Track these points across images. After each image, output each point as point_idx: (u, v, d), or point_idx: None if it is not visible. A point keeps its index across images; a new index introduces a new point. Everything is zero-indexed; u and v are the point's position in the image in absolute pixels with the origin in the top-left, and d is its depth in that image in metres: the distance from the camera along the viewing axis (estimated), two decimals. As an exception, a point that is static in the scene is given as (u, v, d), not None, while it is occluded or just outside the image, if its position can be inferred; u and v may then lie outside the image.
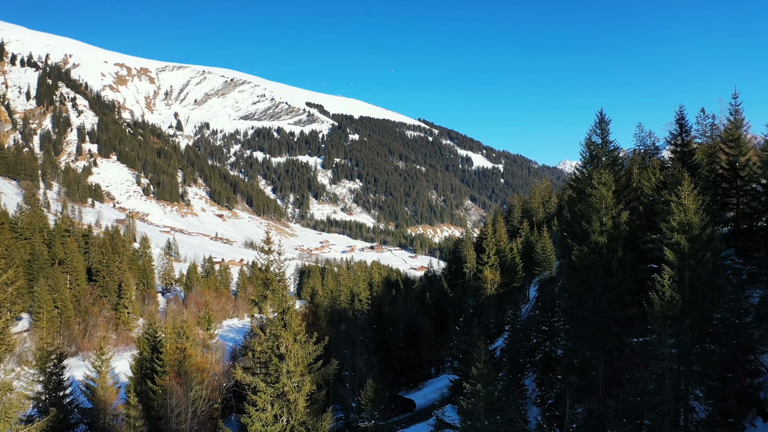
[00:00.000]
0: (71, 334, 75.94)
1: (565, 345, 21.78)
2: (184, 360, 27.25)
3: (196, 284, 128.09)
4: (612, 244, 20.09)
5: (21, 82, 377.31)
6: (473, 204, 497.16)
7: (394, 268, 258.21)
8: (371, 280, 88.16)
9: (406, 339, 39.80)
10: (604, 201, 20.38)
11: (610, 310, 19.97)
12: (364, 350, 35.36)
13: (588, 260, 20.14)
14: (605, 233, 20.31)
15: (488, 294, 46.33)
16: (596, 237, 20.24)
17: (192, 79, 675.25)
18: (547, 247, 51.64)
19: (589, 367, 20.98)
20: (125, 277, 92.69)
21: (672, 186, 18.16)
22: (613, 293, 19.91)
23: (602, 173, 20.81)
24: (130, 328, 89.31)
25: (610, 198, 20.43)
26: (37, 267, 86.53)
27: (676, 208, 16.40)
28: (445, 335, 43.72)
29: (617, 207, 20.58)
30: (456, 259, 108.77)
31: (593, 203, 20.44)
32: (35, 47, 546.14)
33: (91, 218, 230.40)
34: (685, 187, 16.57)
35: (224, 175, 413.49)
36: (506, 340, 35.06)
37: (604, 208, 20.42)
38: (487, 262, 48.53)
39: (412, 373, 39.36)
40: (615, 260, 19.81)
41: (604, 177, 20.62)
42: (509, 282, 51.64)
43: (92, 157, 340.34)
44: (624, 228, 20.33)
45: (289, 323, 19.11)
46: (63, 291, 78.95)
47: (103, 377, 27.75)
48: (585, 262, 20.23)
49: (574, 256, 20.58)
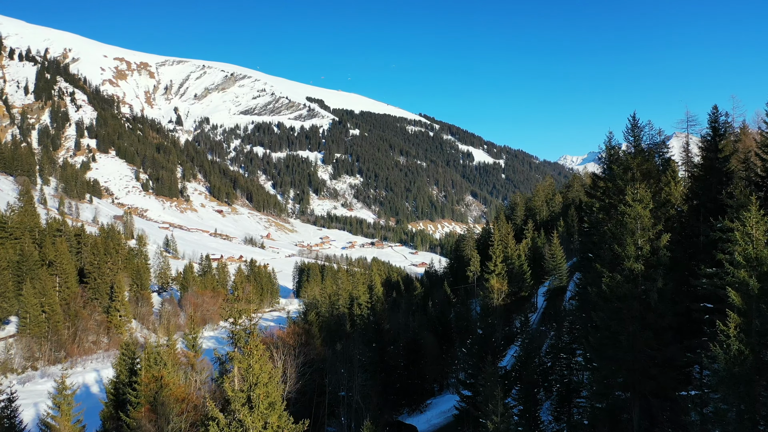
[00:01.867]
0: (59, 339, 73.19)
1: (592, 388, 18.90)
2: (161, 390, 24.43)
3: (192, 284, 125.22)
4: (650, 272, 17.19)
5: (19, 77, 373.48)
6: (474, 199, 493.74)
7: (395, 264, 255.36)
8: (371, 283, 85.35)
9: (407, 358, 36.98)
10: (640, 221, 17.45)
11: (648, 349, 17.09)
12: (362, 370, 32.54)
13: (621, 290, 17.25)
14: (641, 259, 17.40)
15: (495, 305, 43.46)
16: (631, 263, 17.33)
17: (192, 74, 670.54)
18: (557, 254, 48.73)
19: (619, 413, 18.17)
20: (117, 279, 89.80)
21: (735, 209, 15.18)
22: (651, 330, 17.03)
23: (637, 188, 17.84)
24: (122, 332, 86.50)
25: (647, 217, 17.48)
26: (26, 268, 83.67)
27: (741, 239, 13.51)
28: (450, 351, 40.98)
29: (655, 228, 17.64)
30: (458, 258, 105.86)
31: (627, 223, 17.50)
32: (34, 41, 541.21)
33: (88, 214, 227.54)
34: (752, 214, 13.63)
35: (224, 170, 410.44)
36: (517, 363, 32.20)
37: (640, 230, 17.51)
38: (494, 270, 45.63)
39: (415, 395, 36.59)
40: (654, 291, 16.90)
41: (640, 193, 17.65)
42: (517, 291, 48.76)
43: (91, 152, 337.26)
44: (664, 253, 17.41)
45: (257, 404, 13.75)
46: (51, 294, 76.10)
47: (65, 416, 24.77)
48: (617, 293, 17.34)
49: (605, 284, 17.67)
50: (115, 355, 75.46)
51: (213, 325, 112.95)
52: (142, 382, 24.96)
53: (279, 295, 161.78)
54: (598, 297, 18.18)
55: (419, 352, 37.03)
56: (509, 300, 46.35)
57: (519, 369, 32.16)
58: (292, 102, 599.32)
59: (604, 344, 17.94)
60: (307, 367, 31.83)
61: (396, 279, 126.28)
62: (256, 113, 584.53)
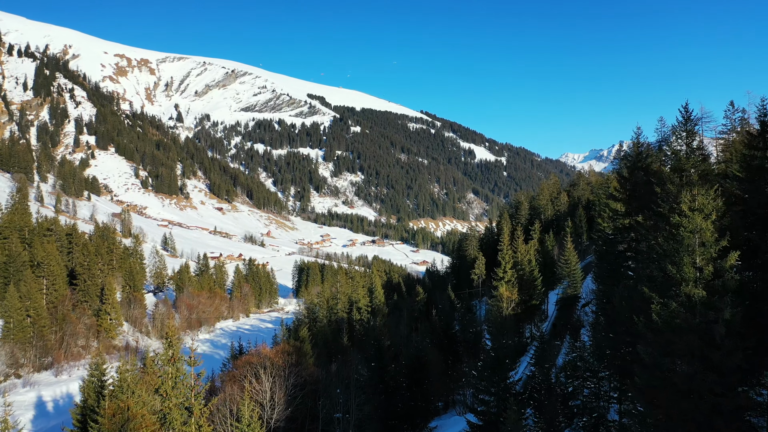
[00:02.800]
0: (45, 345, 69.91)
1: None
2: (127, 423, 21.18)
3: (188, 284, 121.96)
4: (713, 300, 13.87)
5: (18, 73, 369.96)
6: (476, 197, 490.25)
7: (396, 263, 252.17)
8: (371, 286, 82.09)
9: (410, 377, 33.65)
10: (701, 236, 14.12)
11: (712, 395, 13.77)
12: (360, 393, 29.21)
13: (676, 321, 13.95)
14: (702, 282, 14.08)
15: (505, 314, 40.16)
16: (689, 288, 14.01)
17: (193, 71, 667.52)
18: (572, 259, 45.35)
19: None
20: (108, 281, 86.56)
21: None
22: (716, 372, 13.72)
23: (695, 194, 14.46)
24: (113, 336, 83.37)
25: (710, 231, 14.14)
26: (13, 270, 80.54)
27: None
28: (456, 365, 37.66)
29: (718, 244, 14.28)
30: (461, 258, 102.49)
31: (684, 238, 14.17)
32: (35, 38, 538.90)
33: (86, 212, 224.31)
34: None
35: (224, 167, 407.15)
36: (531, 382, 28.87)
37: (700, 246, 14.18)
38: (503, 277, 42.28)
39: (418, 417, 33.27)
40: (720, 323, 13.57)
41: (699, 200, 14.28)
42: (527, 299, 45.45)
43: (90, 149, 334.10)
44: (731, 276, 14.06)
45: None
46: (37, 298, 72.80)
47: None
48: (672, 324, 14.03)
49: (655, 313, 14.33)
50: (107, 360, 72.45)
51: (209, 327, 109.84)
52: (106, 414, 21.69)
53: (278, 294, 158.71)
54: (645, 328, 14.84)
55: (423, 370, 33.75)
56: (519, 309, 43.07)
57: (533, 390, 28.93)
58: (293, 99, 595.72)
59: (653, 386, 14.65)
60: (298, 390, 28.59)
61: (397, 280, 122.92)
62: (256, 110, 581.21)
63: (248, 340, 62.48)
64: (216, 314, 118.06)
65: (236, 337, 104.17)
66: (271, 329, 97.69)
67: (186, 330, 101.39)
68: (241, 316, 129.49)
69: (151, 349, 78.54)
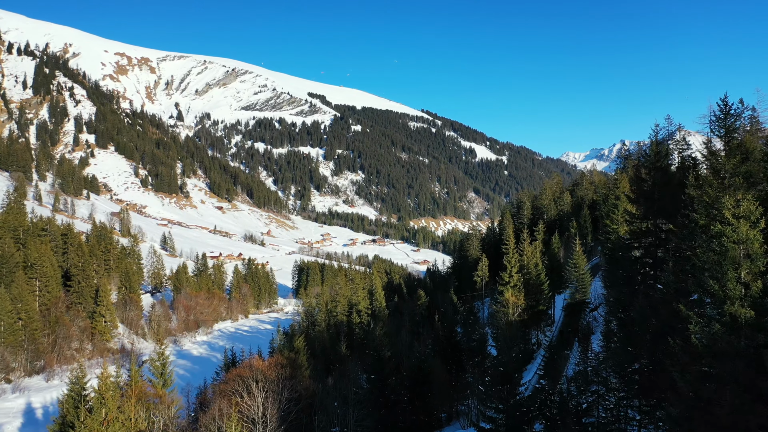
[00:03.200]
0: (37, 348, 68.09)
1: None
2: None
3: (186, 285, 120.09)
4: (762, 321, 12.07)
5: (18, 71, 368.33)
6: (477, 196, 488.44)
7: (397, 262, 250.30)
8: (372, 288, 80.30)
9: (412, 390, 31.83)
10: (747, 246, 12.31)
11: (759, 430, 11.98)
12: (358, 407, 27.43)
13: (719, 345, 12.17)
14: (749, 301, 12.28)
15: (510, 320, 38.40)
16: (734, 307, 12.22)
17: (193, 69, 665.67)
18: (580, 263, 43.51)
19: None
20: (102, 282, 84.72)
21: None
22: (763, 401, 11.94)
23: (740, 199, 12.64)
24: (108, 338, 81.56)
25: (758, 242, 12.33)
26: (6, 271, 78.70)
27: None
28: (460, 374, 35.87)
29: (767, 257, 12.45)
30: (462, 258, 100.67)
31: (727, 249, 12.36)
32: (35, 36, 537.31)
33: (84, 211, 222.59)
34: None
35: (224, 166, 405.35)
36: (540, 395, 27.08)
37: (746, 258, 12.38)
38: (509, 282, 40.48)
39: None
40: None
41: (745, 206, 12.48)
42: (534, 305, 43.61)
43: (89, 147, 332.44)
44: (782, 293, 12.25)
45: None
46: (29, 300, 71.03)
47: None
48: (714, 348, 12.25)
49: (694, 335, 12.54)
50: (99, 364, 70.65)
51: (206, 328, 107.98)
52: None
53: (277, 294, 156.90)
54: (683, 352, 13.04)
55: (426, 382, 31.94)
56: (526, 315, 41.27)
57: (542, 404, 27.16)
58: (294, 98, 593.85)
59: (690, 417, 12.87)
60: (293, 405, 26.81)
61: (398, 281, 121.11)
62: (257, 109, 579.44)
63: (242, 349, 60.32)
64: (214, 315, 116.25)
65: (234, 339, 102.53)
66: (270, 331, 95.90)
67: (183, 332, 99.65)
68: (239, 317, 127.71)
69: (146, 352, 76.84)
